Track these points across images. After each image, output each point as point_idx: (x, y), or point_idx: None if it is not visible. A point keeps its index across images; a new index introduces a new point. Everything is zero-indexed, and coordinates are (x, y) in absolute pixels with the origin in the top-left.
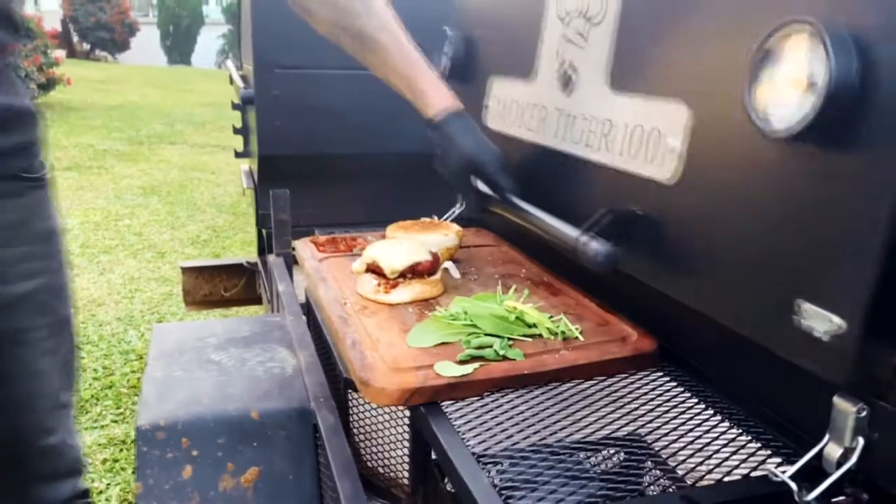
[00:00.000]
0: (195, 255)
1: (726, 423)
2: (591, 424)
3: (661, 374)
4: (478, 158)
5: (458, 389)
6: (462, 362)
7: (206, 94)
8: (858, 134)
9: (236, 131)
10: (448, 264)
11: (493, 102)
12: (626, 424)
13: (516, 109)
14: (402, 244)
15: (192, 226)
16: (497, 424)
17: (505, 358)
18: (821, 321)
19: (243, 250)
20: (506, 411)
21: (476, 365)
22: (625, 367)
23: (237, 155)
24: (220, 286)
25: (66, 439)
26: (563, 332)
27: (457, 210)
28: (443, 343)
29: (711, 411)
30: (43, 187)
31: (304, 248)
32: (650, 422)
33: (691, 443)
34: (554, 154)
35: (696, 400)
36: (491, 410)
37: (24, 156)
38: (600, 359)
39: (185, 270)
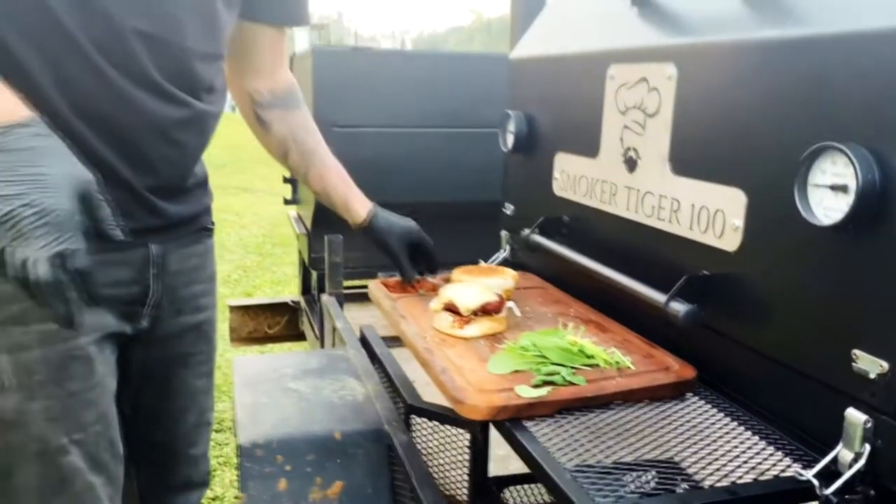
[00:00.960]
0: (227, 295)
1: (756, 437)
2: (646, 438)
3: (697, 398)
4: (411, 224)
5: (535, 408)
6: (536, 386)
7: (222, 136)
8: (885, 225)
9: (286, 180)
10: (511, 304)
11: (561, 175)
12: (674, 438)
13: (586, 183)
14: (472, 287)
15: (222, 266)
16: (569, 437)
17: (571, 383)
18: (872, 365)
19: (273, 289)
20: (574, 426)
21: (548, 388)
22: (669, 392)
23: (286, 202)
24: (265, 323)
25: (205, 453)
26: (617, 363)
27: (501, 255)
28: (517, 371)
29: (742, 427)
30: (212, 237)
31: (377, 288)
32: (694, 434)
33: (729, 451)
34: (626, 223)
35: (728, 419)
36: (562, 426)
37: (209, 212)
38: (650, 384)
39: (232, 308)
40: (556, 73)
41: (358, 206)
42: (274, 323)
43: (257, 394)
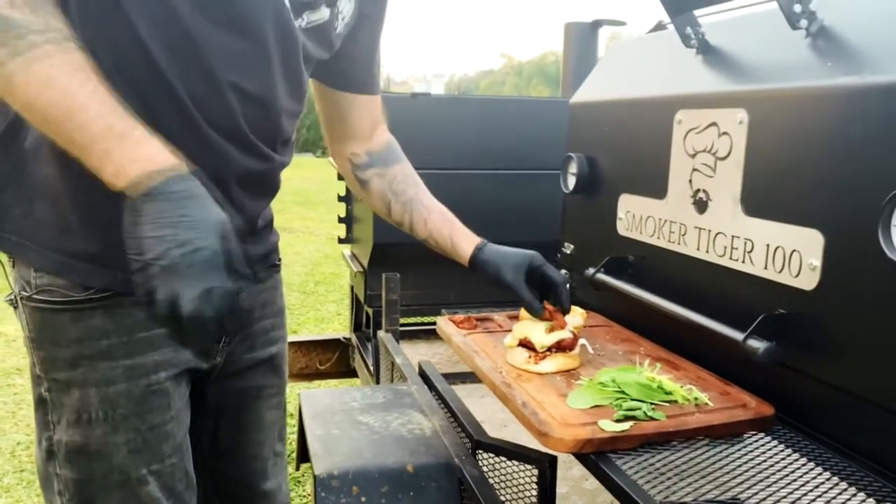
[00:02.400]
0: (294, 330)
1: (836, 477)
2: (727, 475)
3: (777, 435)
4: (529, 253)
5: (618, 442)
6: (618, 420)
7: None
8: None
9: (341, 220)
10: (583, 341)
11: (626, 215)
12: (756, 475)
13: (653, 224)
14: (545, 323)
15: None
16: (654, 469)
17: (652, 418)
18: None
19: (318, 327)
20: (658, 460)
21: (630, 423)
22: (748, 429)
23: (340, 241)
24: (316, 360)
25: (281, 486)
26: (695, 399)
27: None
28: (597, 406)
29: (821, 468)
30: (279, 272)
31: (446, 325)
32: (774, 473)
33: (812, 490)
34: (696, 263)
35: (808, 457)
36: (645, 460)
37: (276, 250)
38: (729, 420)
39: None
40: (621, 117)
41: (464, 242)
42: (325, 359)
43: (328, 426)
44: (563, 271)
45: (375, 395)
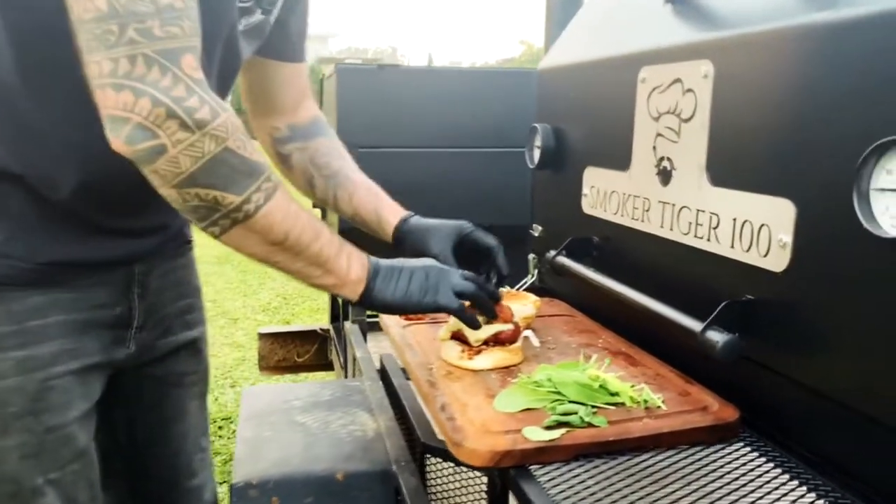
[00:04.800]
0: (266, 322)
1: (812, 493)
2: (678, 492)
3: (741, 443)
4: (458, 222)
5: (546, 453)
6: (549, 428)
7: None
8: None
9: (315, 205)
10: (528, 333)
11: (591, 191)
12: (711, 492)
13: (617, 199)
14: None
15: (264, 293)
16: (585, 489)
17: (590, 425)
18: None
19: (312, 317)
20: (592, 476)
21: (562, 431)
22: (707, 437)
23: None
24: (294, 352)
25: (208, 482)
26: (645, 401)
27: (529, 280)
28: (528, 409)
29: (789, 477)
30: (193, 249)
31: (389, 316)
32: (736, 489)
33: None
34: (660, 242)
35: (776, 469)
36: (577, 476)
37: (188, 224)
38: (683, 427)
39: (261, 336)
40: (585, 81)
41: (390, 216)
42: (304, 351)
43: (261, 427)
44: (532, 255)
45: (323, 392)
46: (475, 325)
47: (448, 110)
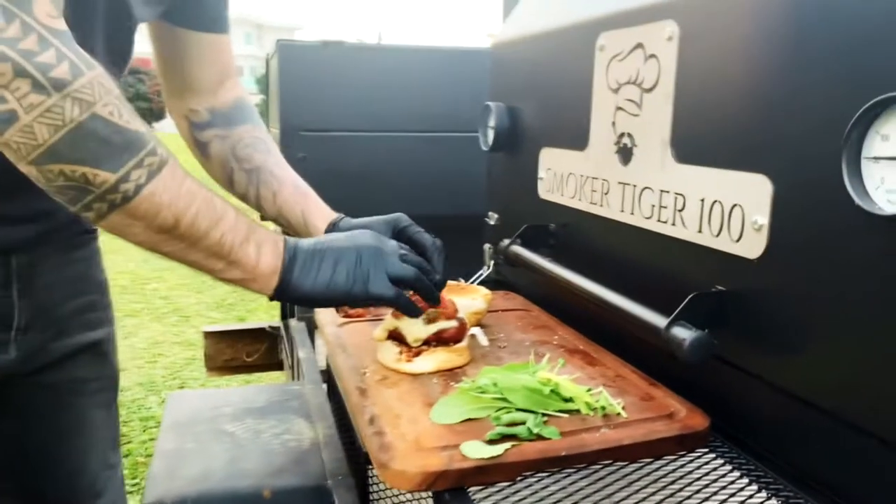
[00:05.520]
0: (220, 319)
1: None
2: None
3: (710, 453)
4: (393, 216)
5: (488, 473)
6: (492, 442)
7: None
8: None
9: None
10: (476, 330)
11: (547, 174)
12: None
13: (574, 182)
14: (430, 310)
15: (220, 289)
16: None
17: (539, 437)
18: None
19: (268, 314)
20: (542, 498)
21: (507, 445)
22: (673, 448)
23: (262, 218)
24: (243, 351)
25: (116, 502)
26: (603, 408)
27: (484, 272)
28: (469, 419)
29: (768, 494)
30: (97, 239)
31: (324, 311)
32: None
33: None
34: (621, 228)
35: (754, 487)
36: (525, 498)
37: None
38: (646, 438)
39: (207, 335)
40: (539, 53)
41: (318, 219)
42: (253, 351)
43: (184, 437)
44: (488, 246)
45: (258, 397)
46: (415, 313)
47: (398, 91)
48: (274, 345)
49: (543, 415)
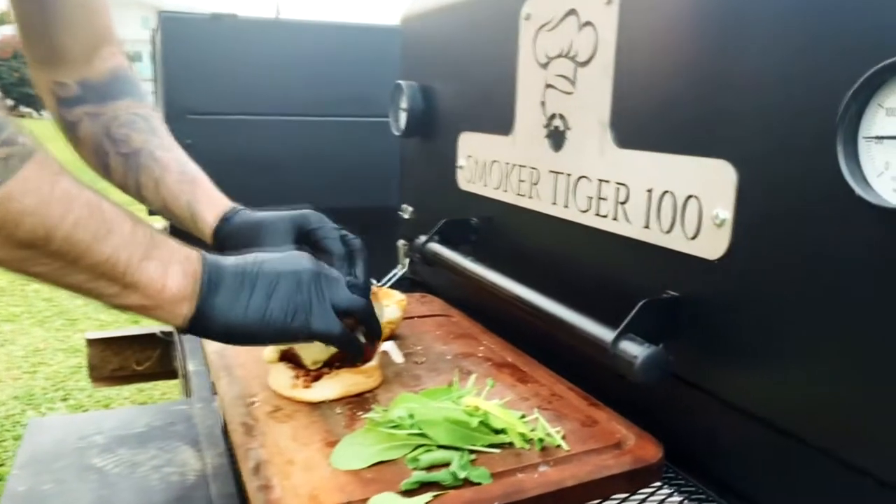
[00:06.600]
0: (111, 323)
1: None
2: None
3: (667, 489)
4: (300, 213)
5: None
6: (408, 493)
7: None
8: None
9: None
10: (388, 345)
11: (468, 162)
12: None
13: (499, 170)
14: None
15: None
16: None
17: (467, 482)
18: None
19: None
20: None
21: (428, 496)
22: (624, 486)
23: (150, 213)
24: (132, 359)
25: None
26: (541, 440)
27: (398, 272)
28: (381, 462)
29: None
30: None
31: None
32: None
33: None
34: (553, 223)
35: None
36: None
37: None
38: (592, 477)
39: (90, 343)
40: (456, 25)
41: (207, 211)
42: (144, 358)
43: (41, 476)
44: (402, 242)
45: (137, 420)
46: (360, 356)
47: (300, 72)
48: (168, 351)
49: (471, 452)
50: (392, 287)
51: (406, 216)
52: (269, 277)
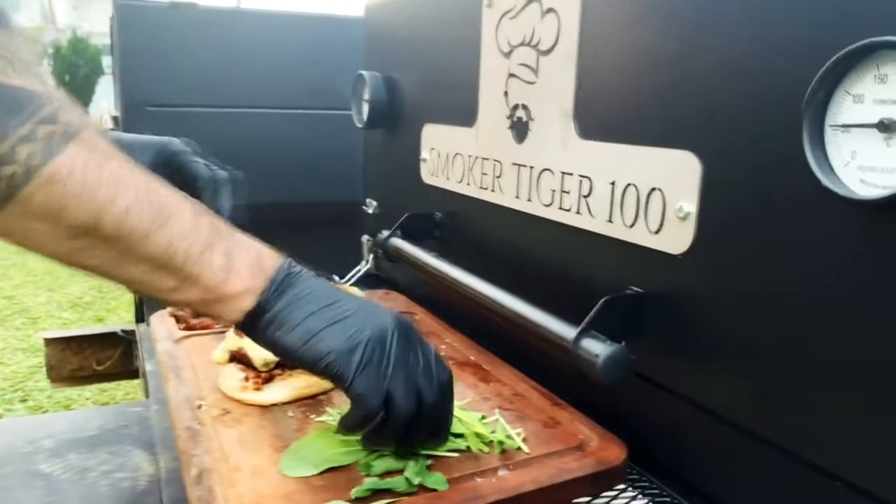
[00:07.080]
0: (73, 321)
1: None
2: None
3: (631, 492)
4: (161, 140)
5: None
6: (359, 500)
7: None
8: None
9: None
10: None
11: (431, 154)
12: None
13: (461, 163)
14: None
15: (75, 286)
16: None
17: (422, 488)
18: None
19: (130, 313)
20: None
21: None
22: (586, 490)
23: None
24: (92, 359)
25: None
26: (501, 443)
27: (363, 268)
28: (331, 468)
29: None
30: None
31: (160, 323)
32: None
33: None
34: (516, 217)
35: None
36: None
37: None
38: (553, 481)
39: (48, 342)
40: (419, 13)
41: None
42: (104, 358)
43: None
44: (366, 238)
45: (89, 423)
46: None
47: (262, 63)
48: (129, 350)
49: (427, 457)
50: (356, 284)
51: (370, 211)
52: (360, 313)
